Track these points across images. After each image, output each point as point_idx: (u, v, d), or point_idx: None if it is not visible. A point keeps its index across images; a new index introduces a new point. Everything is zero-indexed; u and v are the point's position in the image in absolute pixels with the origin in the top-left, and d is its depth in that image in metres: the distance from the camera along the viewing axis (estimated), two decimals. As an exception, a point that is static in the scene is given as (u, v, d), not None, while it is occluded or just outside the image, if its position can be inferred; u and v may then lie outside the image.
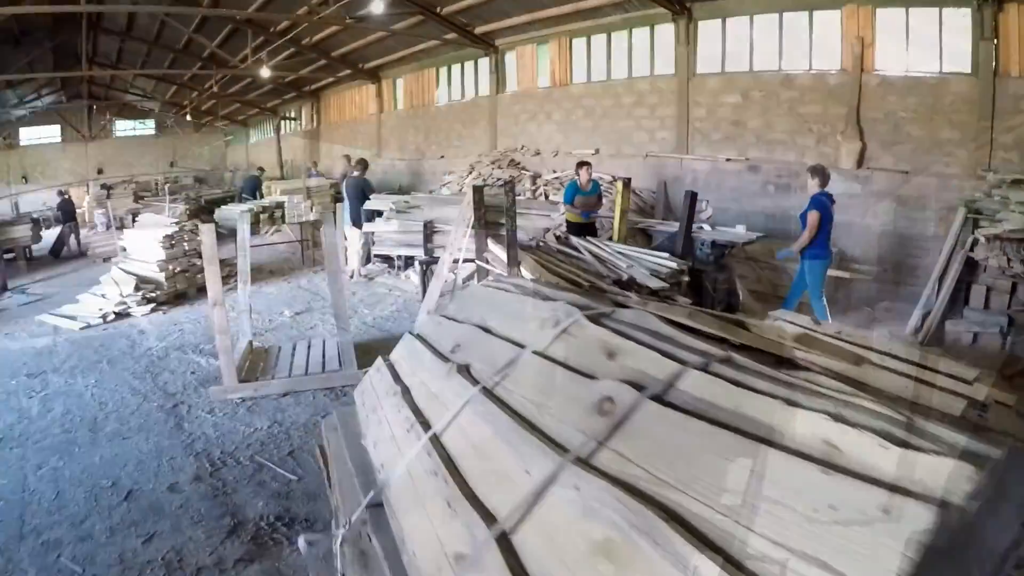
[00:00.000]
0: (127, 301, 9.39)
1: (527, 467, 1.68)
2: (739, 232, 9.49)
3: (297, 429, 5.15)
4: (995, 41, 8.81)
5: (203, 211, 18.19)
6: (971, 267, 7.44)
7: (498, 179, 14.39)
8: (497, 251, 7.41)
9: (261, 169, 20.51)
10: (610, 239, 9.27)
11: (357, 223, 10.84)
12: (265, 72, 17.87)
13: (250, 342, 7.00)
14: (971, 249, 7.24)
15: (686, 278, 7.40)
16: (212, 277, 5.71)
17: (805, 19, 10.80)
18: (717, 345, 1.76)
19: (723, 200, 11.40)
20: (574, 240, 8.22)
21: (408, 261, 11.20)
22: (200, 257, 9.80)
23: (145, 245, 10.35)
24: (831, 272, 8.81)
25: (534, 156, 15.69)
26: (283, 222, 12.01)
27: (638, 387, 1.64)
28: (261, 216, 11.80)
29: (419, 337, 3.00)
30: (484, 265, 7.49)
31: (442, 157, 18.54)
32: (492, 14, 15.38)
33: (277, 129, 27.25)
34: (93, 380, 6.59)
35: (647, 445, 1.51)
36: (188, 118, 27.82)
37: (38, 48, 21.12)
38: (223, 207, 12.65)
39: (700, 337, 1.83)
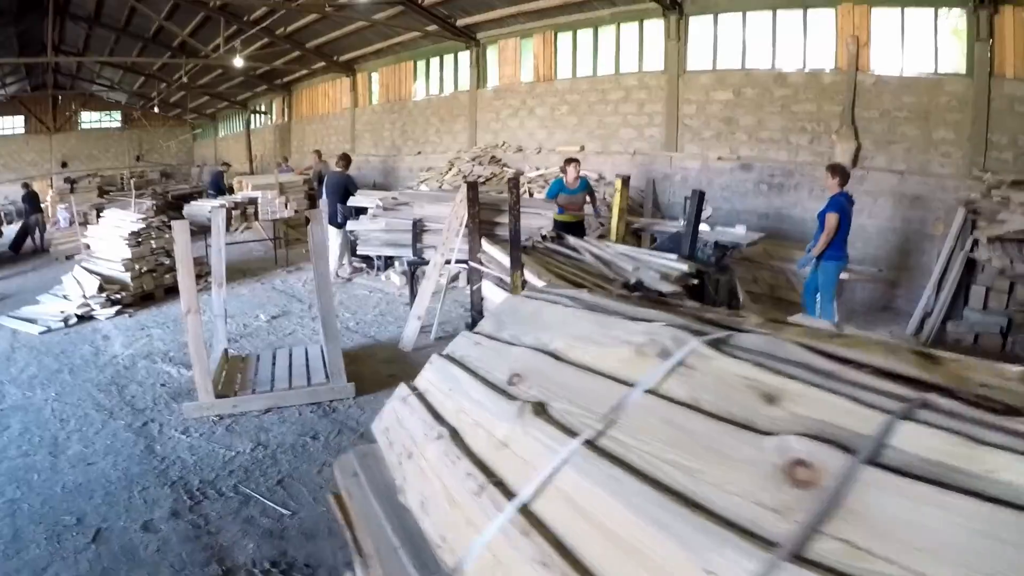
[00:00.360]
0: (90, 303, 8.79)
1: (706, 564, 1.15)
2: (740, 232, 9.16)
3: (284, 452, 4.64)
4: (990, 42, 8.80)
5: (170, 207, 17.49)
6: (970, 268, 7.47)
7: (479, 176, 13.96)
8: (493, 252, 6.98)
9: (227, 164, 19.80)
10: (601, 238, 8.89)
11: (335, 221, 10.31)
12: (238, 61, 17.16)
13: (225, 350, 6.46)
14: (972, 250, 7.23)
15: (695, 281, 7.02)
16: (186, 281, 5.17)
17: (799, 17, 10.68)
18: (895, 382, 1.31)
19: (714, 199, 11.03)
20: (571, 240, 7.80)
21: (388, 261, 10.73)
22: (168, 256, 9.32)
23: (110, 243, 9.74)
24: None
25: (516, 153, 15.30)
26: (255, 219, 11.40)
27: (841, 446, 1.18)
28: (233, 213, 11.17)
29: (454, 360, 2.52)
30: (478, 267, 7.06)
31: (419, 153, 18.04)
32: (474, 6, 14.96)
33: (247, 123, 26.43)
34: (54, 393, 6.01)
35: (898, 533, 1.03)
36: (156, 110, 26.79)
37: (2, 34, 20.17)
38: (192, 203, 11.98)
39: (866, 371, 1.38)
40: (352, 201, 10.18)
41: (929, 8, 9.48)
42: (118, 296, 9.12)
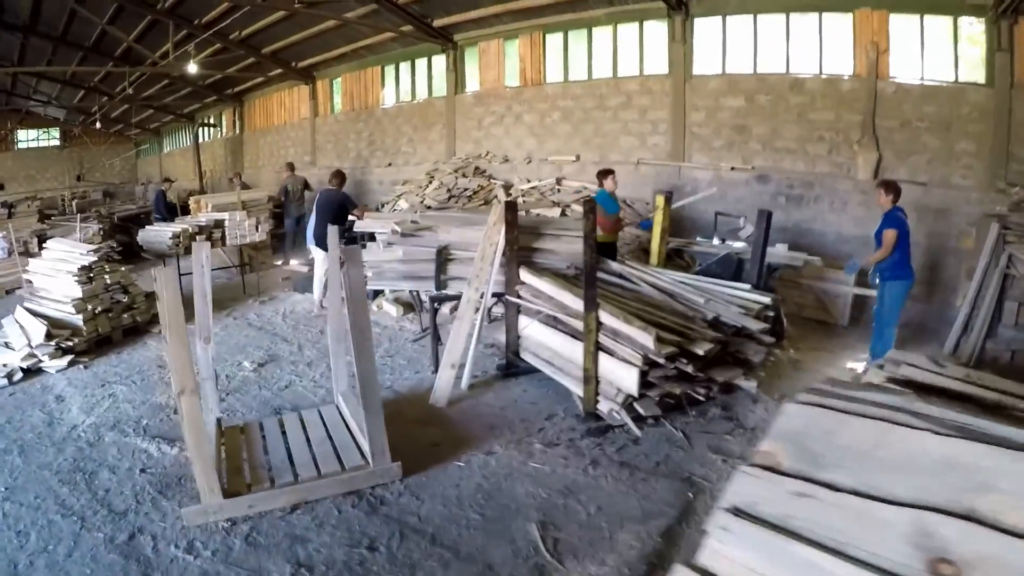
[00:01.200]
0: (38, 353, 7.33)
1: None
2: (787, 253, 8.27)
3: (340, 578, 3.39)
4: (1011, 52, 8.67)
5: (118, 230, 15.88)
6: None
7: (465, 189, 12.82)
8: (540, 285, 5.82)
9: (168, 180, 18.09)
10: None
11: (323, 244, 9.03)
12: (192, 67, 15.59)
13: (219, 421, 5.15)
14: (1008, 266, 6.83)
15: (771, 313, 5.97)
16: (178, 352, 3.87)
17: (814, 21, 10.29)
18: None
19: (727, 212, 10.27)
20: (616, 266, 6.68)
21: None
22: (125, 292, 8.06)
23: (56, 280, 8.26)
24: (859, 291, 8.15)
25: (502, 163, 14.29)
26: (223, 245, 10.01)
27: None
28: (197, 239, 9.75)
29: (771, 526, 1.38)
30: (518, 301, 5.91)
31: (389, 165, 16.77)
32: (454, 5, 13.82)
33: (195, 137, 24.66)
34: (2, 486, 4.61)
35: None
36: (98, 126, 24.78)
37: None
38: (148, 229, 10.50)
39: None
40: (361, 226, 8.95)
41: (948, 16, 9.28)
42: (70, 343, 7.66)
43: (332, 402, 5.60)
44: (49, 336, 7.56)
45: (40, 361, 7.35)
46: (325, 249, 8.65)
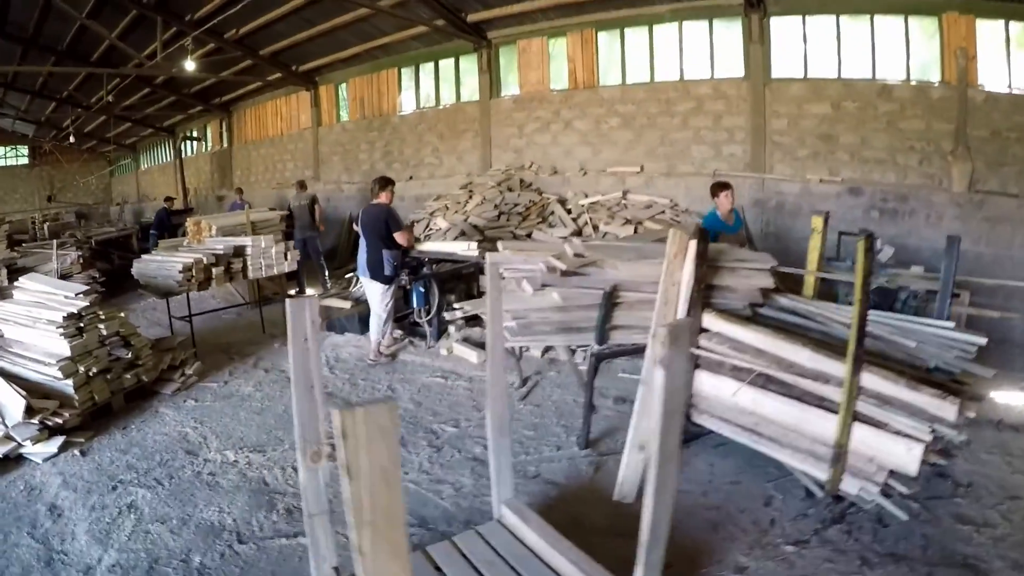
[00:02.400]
0: (16, 435, 5.30)
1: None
2: (922, 274, 6.63)
3: None
4: None
5: (97, 256, 13.68)
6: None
7: (515, 204, 10.97)
8: (733, 332, 4.41)
9: (170, 199, 16.05)
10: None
11: (381, 274, 7.12)
12: (189, 65, 13.52)
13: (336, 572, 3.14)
14: None
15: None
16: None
17: (900, 24, 9.56)
18: None
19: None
20: (785, 301, 4.91)
21: (442, 325, 7.78)
22: (127, 345, 6.01)
23: (35, 332, 6.19)
24: (972, 311, 6.53)
25: (552, 175, 12.52)
26: (244, 276, 8.00)
27: None
28: (213, 270, 7.71)
29: None
30: (708, 354, 4.36)
31: (411, 178, 14.80)
32: (491, -1, 12.05)
33: (178, 152, 22.36)
34: None
35: None
36: (71, 140, 22.50)
37: None
38: (146, 259, 8.41)
39: None
40: (436, 246, 7.11)
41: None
42: (58, 420, 5.60)
43: (489, 516, 3.78)
44: (30, 411, 5.49)
45: (20, 447, 5.28)
46: (383, 280, 7.27)
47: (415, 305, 8.04)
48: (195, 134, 23.52)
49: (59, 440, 5.46)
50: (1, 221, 14.71)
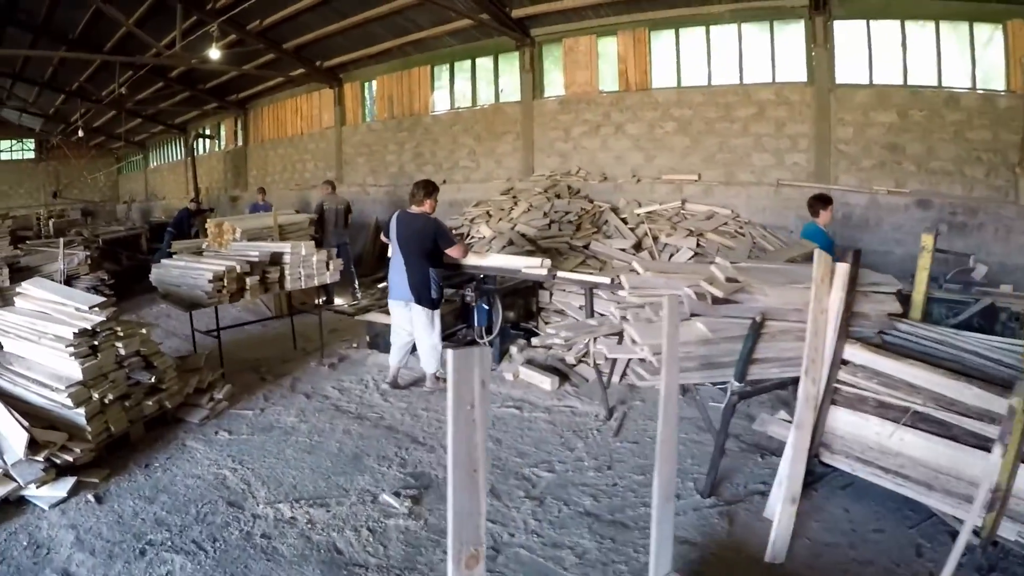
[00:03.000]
0: (17, 475, 4.40)
1: None
2: (1012, 293, 6.21)
3: None
4: None
5: (106, 257, 12.72)
6: None
7: (565, 213, 10.07)
8: (880, 364, 3.80)
9: (195, 200, 15.12)
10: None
11: (428, 297, 6.12)
12: (214, 53, 12.59)
13: None
14: None
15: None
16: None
17: (965, 31, 9.13)
18: None
19: (884, 242, 9.15)
20: (905, 327, 4.23)
21: (504, 343, 7.15)
22: (149, 366, 5.08)
23: (40, 349, 5.22)
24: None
25: (601, 182, 11.62)
26: (281, 288, 7.04)
27: None
28: (247, 279, 6.73)
29: None
30: (850, 389, 3.84)
31: (444, 183, 13.77)
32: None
33: (191, 150, 21.35)
34: None
35: None
36: (80, 134, 21.56)
37: None
38: (167, 264, 7.43)
39: None
40: (498, 261, 6.14)
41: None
42: (67, 457, 4.65)
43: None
44: (34, 444, 4.52)
45: (21, 489, 4.35)
46: (429, 304, 6.18)
47: (476, 324, 7.07)
48: (208, 132, 22.56)
49: (69, 482, 4.53)
50: (4, 216, 13.76)
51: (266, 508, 4.26)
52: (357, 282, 10.98)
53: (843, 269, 3.76)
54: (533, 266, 6.55)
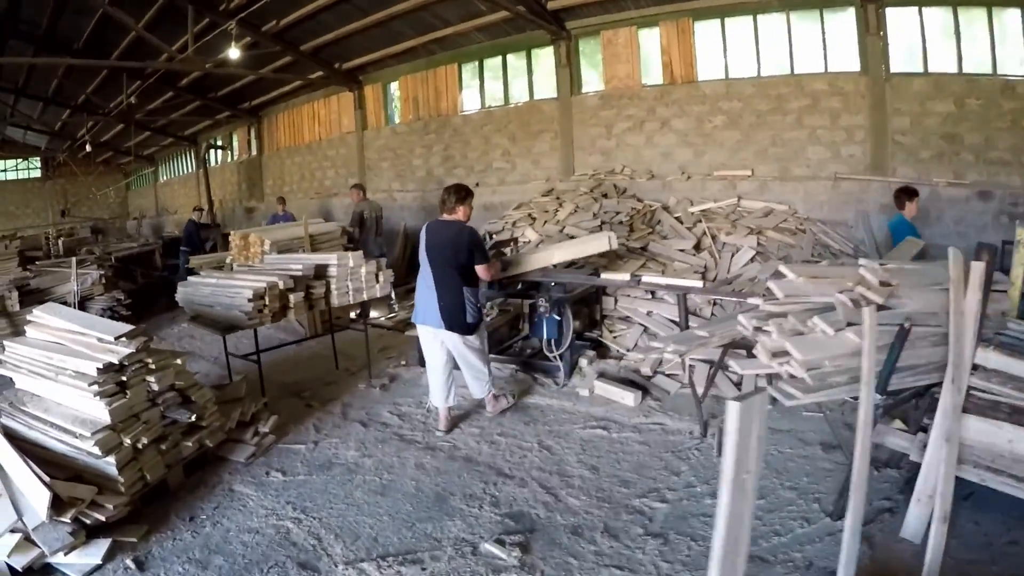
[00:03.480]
0: (40, 541, 3.69)
1: None
2: None
3: None
4: None
5: (120, 275, 12.02)
6: None
7: (616, 213, 9.40)
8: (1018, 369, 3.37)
9: (199, 209, 14.40)
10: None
11: (462, 323, 5.33)
12: (234, 52, 11.90)
13: None
14: None
15: None
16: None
17: (1016, 17, 8.67)
18: None
19: (945, 235, 8.48)
20: (1015, 326, 3.84)
21: (572, 356, 6.09)
22: (185, 401, 4.34)
23: (60, 387, 4.44)
24: None
25: (649, 179, 10.88)
26: (327, 304, 6.27)
27: None
28: (291, 296, 5.94)
29: None
30: (983, 395, 3.47)
31: (477, 185, 13.09)
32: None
33: (203, 160, 20.61)
34: None
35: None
36: (87, 148, 20.92)
37: None
38: (192, 282, 6.65)
39: None
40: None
41: None
42: (98, 516, 3.90)
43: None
44: (58, 502, 3.78)
45: (46, 556, 3.65)
46: (464, 330, 5.31)
47: (545, 336, 6.29)
48: (220, 142, 21.85)
49: (103, 545, 3.84)
50: (12, 236, 13.04)
51: (347, 569, 3.56)
52: (393, 293, 10.21)
53: (979, 268, 3.40)
54: (597, 245, 5.89)
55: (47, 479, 3.87)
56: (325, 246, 9.33)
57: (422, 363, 6.82)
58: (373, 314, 9.80)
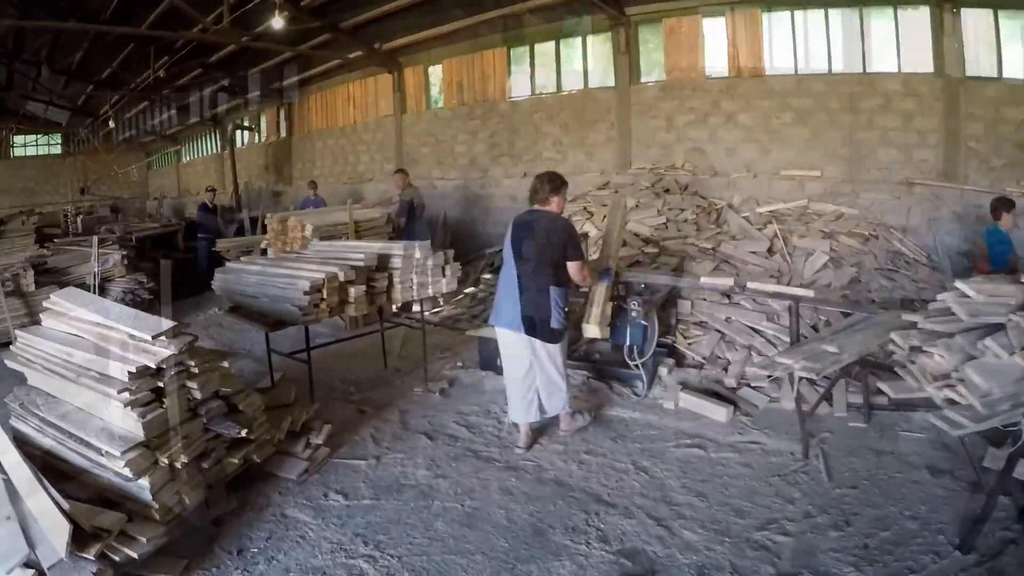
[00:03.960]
0: None
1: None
2: None
3: None
4: None
5: (141, 257, 11.31)
6: None
7: (681, 211, 8.76)
8: None
9: (212, 190, 13.67)
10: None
11: (546, 331, 4.71)
12: (277, 22, 11.22)
13: None
14: None
15: None
16: None
17: None
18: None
19: (1020, 244, 7.54)
20: None
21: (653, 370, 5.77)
22: (232, 411, 3.77)
23: (82, 391, 3.71)
24: None
25: (711, 177, 10.31)
26: (388, 300, 5.53)
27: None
28: (351, 290, 5.17)
29: None
30: None
31: (524, 175, 12.38)
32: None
33: (230, 142, 19.81)
34: None
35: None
36: (111, 124, 20.28)
37: None
38: (232, 268, 5.90)
39: None
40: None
41: None
42: (131, 553, 3.18)
43: None
44: (80, 535, 3.06)
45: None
46: (551, 337, 4.65)
47: (629, 342, 5.52)
48: (248, 123, 21.12)
49: None
50: (30, 212, 12.37)
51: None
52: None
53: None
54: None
55: (67, 506, 3.14)
56: (369, 234, 8.64)
57: (485, 367, 6.15)
58: (417, 307, 9.09)
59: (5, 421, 3.99)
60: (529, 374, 4.71)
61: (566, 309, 4.73)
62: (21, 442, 3.69)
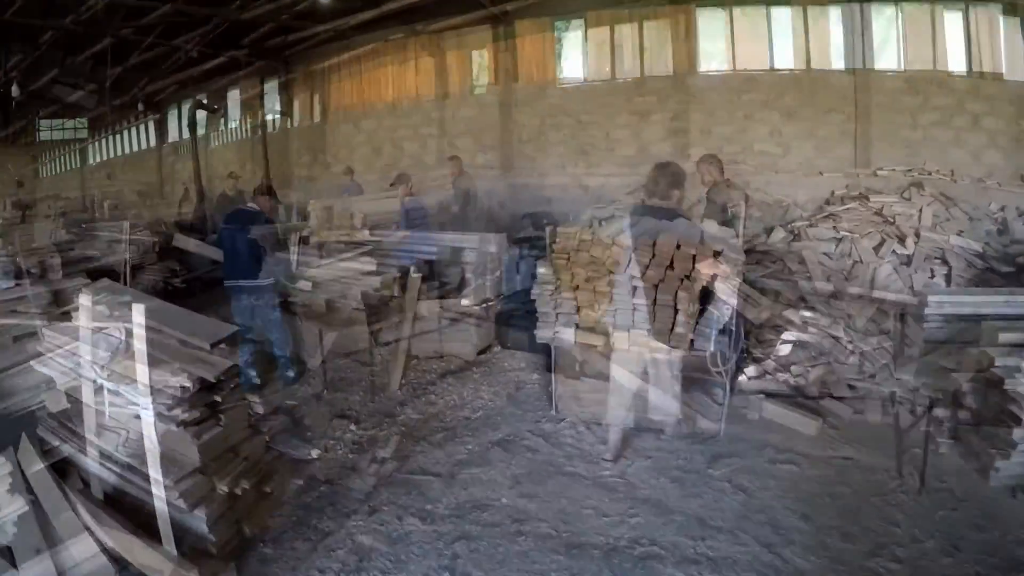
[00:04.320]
0: None
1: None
2: None
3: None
4: None
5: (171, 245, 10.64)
6: None
7: (732, 205, 7.67)
8: None
9: (235, 177, 12.98)
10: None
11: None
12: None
13: None
14: None
15: None
16: None
17: None
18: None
19: None
20: None
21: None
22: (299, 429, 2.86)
23: (122, 402, 3.05)
24: None
25: (773, 174, 9.98)
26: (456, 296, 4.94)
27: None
28: (423, 287, 4.59)
29: None
30: None
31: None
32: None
33: (262, 124, 19.20)
34: None
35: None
36: (140, 107, 20.26)
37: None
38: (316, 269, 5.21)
39: None
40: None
41: None
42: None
43: None
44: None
45: None
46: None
47: (714, 347, 4.95)
48: (279, 107, 20.55)
49: None
50: (55, 197, 11.92)
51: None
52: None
53: None
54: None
55: (109, 545, 2.56)
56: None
57: (547, 368, 5.53)
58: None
59: (32, 431, 3.42)
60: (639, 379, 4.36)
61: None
62: (49, 454, 3.13)
